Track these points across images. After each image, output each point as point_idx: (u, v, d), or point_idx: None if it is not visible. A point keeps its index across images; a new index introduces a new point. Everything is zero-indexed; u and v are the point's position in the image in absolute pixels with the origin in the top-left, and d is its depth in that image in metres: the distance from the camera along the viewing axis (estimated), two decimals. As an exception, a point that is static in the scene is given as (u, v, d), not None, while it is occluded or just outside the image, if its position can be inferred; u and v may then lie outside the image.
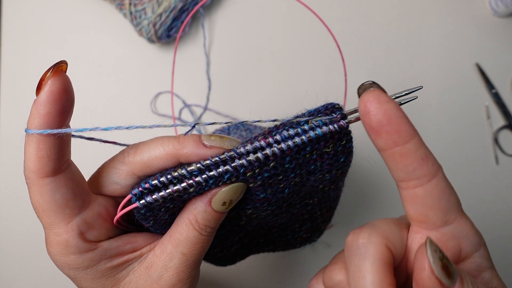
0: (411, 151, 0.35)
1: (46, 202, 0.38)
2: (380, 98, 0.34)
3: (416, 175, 0.35)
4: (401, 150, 0.35)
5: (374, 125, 0.35)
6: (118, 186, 0.43)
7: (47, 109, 0.35)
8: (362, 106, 0.35)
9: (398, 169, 0.36)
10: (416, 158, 0.35)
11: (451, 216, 0.37)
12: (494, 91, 0.97)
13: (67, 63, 0.37)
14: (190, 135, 0.41)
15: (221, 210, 0.42)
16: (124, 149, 0.43)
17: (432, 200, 0.36)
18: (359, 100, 0.35)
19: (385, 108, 0.34)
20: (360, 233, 0.37)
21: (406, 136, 0.34)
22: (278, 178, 0.41)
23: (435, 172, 0.35)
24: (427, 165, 0.35)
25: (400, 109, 0.34)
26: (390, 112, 0.34)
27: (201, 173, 0.39)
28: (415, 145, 0.35)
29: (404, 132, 0.34)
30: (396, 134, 0.34)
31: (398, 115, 0.34)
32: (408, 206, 0.38)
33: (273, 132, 0.39)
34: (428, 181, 0.35)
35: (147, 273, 0.44)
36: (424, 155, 0.35)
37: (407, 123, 0.34)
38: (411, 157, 0.35)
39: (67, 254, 0.41)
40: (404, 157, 0.35)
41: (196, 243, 0.43)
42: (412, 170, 0.35)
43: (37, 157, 0.37)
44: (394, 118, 0.34)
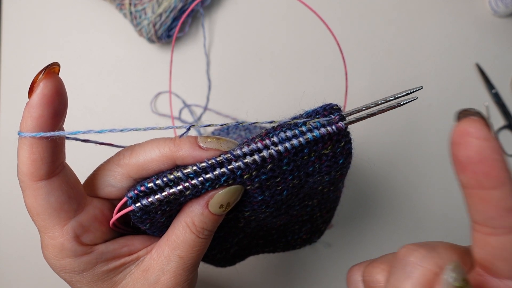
0: (496, 199, 0.31)
1: (40, 205, 0.38)
2: (480, 131, 0.30)
3: (493, 224, 0.32)
4: (484, 195, 0.31)
5: (461, 159, 0.31)
6: (113, 189, 0.43)
7: (40, 112, 0.35)
8: (456, 134, 0.31)
9: (474, 210, 0.33)
10: (498, 208, 0.31)
11: None
12: (494, 91, 0.97)
13: (59, 65, 0.36)
14: (186, 137, 0.41)
15: (218, 212, 0.41)
16: (120, 151, 0.43)
17: (504, 254, 0.32)
18: (455, 125, 0.31)
19: (481, 145, 0.30)
20: (414, 251, 0.35)
21: (495, 182, 0.30)
22: (276, 180, 0.41)
23: None
24: (510, 218, 0.31)
25: (499, 151, 0.30)
26: (485, 151, 0.30)
27: (198, 176, 0.39)
28: (503, 194, 0.30)
29: (494, 177, 0.30)
30: (484, 177, 0.30)
31: (493, 157, 0.30)
32: (476, 249, 0.34)
33: (270, 133, 0.39)
34: (506, 234, 0.32)
35: (144, 276, 0.43)
36: (511, 207, 0.31)
37: (501, 168, 0.30)
38: (493, 205, 0.31)
39: (62, 257, 0.40)
40: (485, 203, 0.31)
41: (193, 246, 0.43)
42: (490, 218, 0.32)
43: (31, 160, 0.37)
44: (487, 159, 0.30)
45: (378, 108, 0.40)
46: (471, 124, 0.30)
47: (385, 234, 0.94)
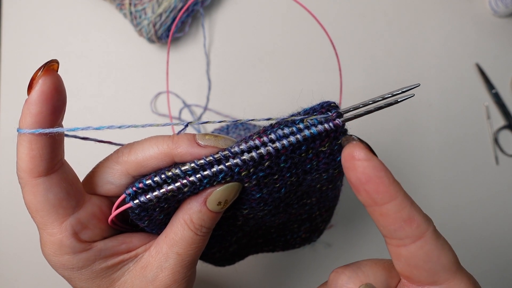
0: (392, 212, 0.33)
1: (39, 202, 0.38)
2: (361, 153, 0.33)
3: (398, 235, 0.34)
4: (381, 210, 0.33)
5: (353, 181, 0.33)
6: (112, 186, 0.43)
7: (38, 109, 0.35)
8: (343, 159, 0.34)
9: (379, 226, 0.35)
10: (397, 220, 0.33)
11: (440, 277, 0.34)
12: (494, 91, 0.97)
13: (58, 62, 0.36)
14: (184, 134, 0.41)
15: (216, 210, 0.42)
16: (119, 149, 0.43)
17: (416, 261, 0.34)
18: (342, 152, 0.34)
19: (365, 166, 0.32)
20: (341, 274, 0.37)
21: (386, 197, 0.33)
22: (274, 177, 0.41)
23: (420, 234, 0.33)
24: (410, 227, 0.33)
25: (381, 167, 0.33)
26: (369, 171, 0.32)
27: (195, 173, 0.39)
28: (397, 207, 0.33)
29: (383, 193, 0.33)
30: (375, 194, 0.33)
31: (378, 174, 0.32)
32: (394, 261, 0.36)
33: (268, 131, 0.39)
34: (412, 243, 0.34)
35: (142, 274, 0.43)
36: (408, 216, 0.33)
37: (387, 183, 0.32)
38: (392, 218, 0.33)
39: (61, 254, 0.40)
40: (384, 217, 0.34)
41: (191, 243, 0.43)
42: (394, 230, 0.34)
43: (30, 157, 0.37)
44: (373, 177, 0.32)
45: (375, 105, 0.40)
46: (353, 148, 0.33)
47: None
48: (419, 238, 0.33)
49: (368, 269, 0.37)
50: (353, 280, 0.36)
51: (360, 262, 0.38)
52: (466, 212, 0.94)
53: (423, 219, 0.34)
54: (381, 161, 0.33)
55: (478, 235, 0.94)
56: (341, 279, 0.36)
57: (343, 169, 0.34)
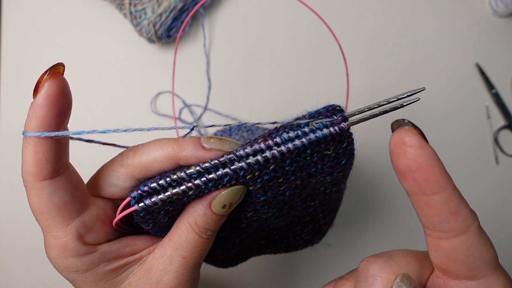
0: (439, 203, 0.32)
1: (44, 205, 0.38)
2: (413, 140, 0.31)
3: (441, 228, 0.33)
4: (427, 200, 0.32)
5: (401, 168, 0.32)
6: (117, 189, 0.43)
7: (44, 112, 0.35)
8: (392, 145, 0.32)
9: (422, 216, 0.34)
10: (443, 212, 0.32)
11: (479, 273, 0.34)
12: (494, 91, 0.97)
13: (64, 65, 0.36)
14: (189, 137, 0.41)
15: (221, 213, 0.42)
16: (123, 152, 0.43)
17: (456, 256, 0.33)
18: (391, 137, 0.33)
19: (417, 153, 0.31)
20: (373, 263, 0.35)
21: (435, 188, 0.31)
22: (279, 180, 0.41)
23: (465, 228, 0.32)
24: (456, 220, 0.32)
25: (434, 157, 0.31)
26: (421, 159, 0.31)
27: (201, 176, 0.39)
28: (445, 198, 0.32)
29: (433, 183, 0.31)
30: (424, 183, 0.32)
31: (430, 163, 0.31)
32: (431, 253, 0.35)
33: (273, 134, 0.39)
34: (455, 236, 0.33)
35: (147, 276, 0.43)
36: (455, 209, 0.32)
37: (439, 173, 0.31)
38: (438, 210, 0.32)
39: (65, 257, 0.40)
40: (430, 208, 0.33)
41: (196, 246, 0.43)
42: (438, 222, 0.33)
43: (35, 160, 0.37)
44: (425, 165, 0.31)
45: (380, 109, 0.40)
46: (405, 133, 0.32)
47: (385, 234, 0.94)
48: (464, 232, 0.33)
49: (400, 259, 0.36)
50: (385, 269, 0.35)
51: (392, 252, 0.37)
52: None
53: (469, 213, 0.33)
54: (434, 149, 0.32)
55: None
56: (372, 268, 0.35)
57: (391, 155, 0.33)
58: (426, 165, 0.31)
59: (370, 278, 0.35)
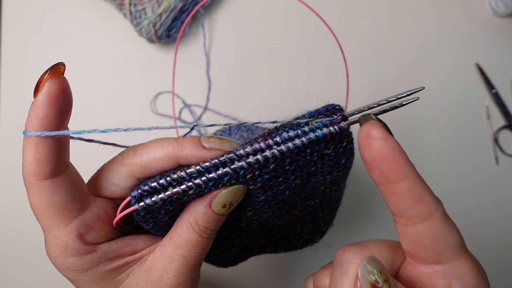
0: (403, 190, 0.34)
1: (44, 204, 0.38)
2: (378, 132, 0.34)
3: (407, 214, 0.35)
4: (392, 188, 0.34)
5: (367, 159, 0.34)
6: (117, 188, 0.43)
7: (45, 111, 0.35)
8: (359, 137, 0.35)
9: (389, 204, 0.36)
10: (407, 198, 0.34)
11: (445, 257, 0.35)
12: (494, 91, 0.97)
13: (64, 65, 0.37)
14: (189, 137, 0.41)
15: (221, 212, 0.42)
16: (124, 151, 0.43)
17: (422, 240, 0.35)
18: (359, 131, 0.35)
19: (381, 145, 0.33)
20: (347, 251, 0.37)
21: (399, 176, 0.34)
22: (279, 180, 0.41)
23: (429, 214, 0.34)
24: (420, 207, 0.34)
25: (397, 147, 0.34)
26: (384, 149, 0.33)
27: (201, 175, 0.39)
28: (409, 186, 0.34)
29: (397, 172, 0.33)
30: (389, 172, 0.34)
31: (393, 153, 0.33)
32: (401, 239, 0.37)
33: (273, 133, 0.39)
34: (420, 222, 0.35)
35: (147, 276, 0.43)
36: (419, 197, 0.34)
37: (402, 162, 0.33)
38: (403, 197, 0.34)
39: (66, 256, 0.40)
40: (396, 196, 0.34)
41: (196, 246, 0.43)
42: (403, 209, 0.35)
43: (35, 159, 0.37)
44: (388, 156, 0.33)
45: (380, 108, 0.40)
46: (370, 127, 0.34)
47: (384, 234, 0.94)
48: (428, 218, 0.34)
49: (373, 247, 0.38)
50: (358, 256, 0.36)
51: (366, 241, 0.39)
52: (466, 212, 0.95)
53: (433, 200, 0.35)
54: (397, 141, 0.34)
55: (479, 234, 0.94)
56: (347, 255, 0.37)
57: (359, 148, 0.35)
58: (390, 155, 0.33)
59: (344, 264, 0.37)
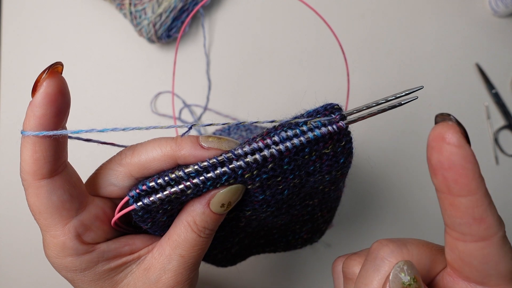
0: (464, 206, 0.31)
1: (42, 204, 0.38)
2: (453, 137, 0.30)
3: (461, 230, 0.32)
4: (453, 201, 0.31)
5: (433, 162, 0.31)
6: (115, 188, 0.43)
7: (43, 111, 0.35)
8: (430, 137, 0.31)
9: (444, 214, 0.33)
10: (467, 215, 0.31)
11: (492, 281, 0.33)
12: (494, 91, 0.97)
13: (62, 64, 0.37)
14: (187, 136, 0.41)
15: (219, 212, 0.42)
16: (122, 151, 0.43)
17: (471, 260, 0.33)
18: (432, 129, 0.31)
19: (453, 152, 0.30)
20: (385, 246, 0.36)
21: (464, 190, 0.30)
22: (277, 179, 0.41)
23: (486, 236, 0.31)
24: (478, 226, 0.31)
25: (470, 159, 0.29)
26: (456, 158, 0.30)
27: (199, 175, 0.39)
28: (472, 203, 0.30)
29: (463, 185, 0.30)
30: (453, 183, 0.30)
31: (464, 165, 0.30)
32: (447, 250, 0.35)
33: (271, 133, 0.39)
34: (474, 241, 0.32)
35: (145, 275, 0.43)
36: (480, 216, 0.31)
37: (471, 176, 0.30)
38: (462, 212, 0.31)
39: (64, 256, 0.40)
40: (454, 208, 0.31)
41: (194, 245, 0.43)
42: (459, 224, 0.32)
43: (33, 159, 0.37)
44: (458, 166, 0.30)
45: (378, 107, 0.40)
46: (446, 129, 0.30)
47: (384, 233, 0.94)
48: (484, 239, 0.32)
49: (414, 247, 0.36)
50: (395, 255, 0.35)
51: (407, 239, 0.37)
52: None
53: (495, 222, 0.32)
54: (472, 151, 0.30)
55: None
56: (383, 251, 0.35)
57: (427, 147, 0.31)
58: (460, 166, 0.30)
59: (378, 259, 0.35)
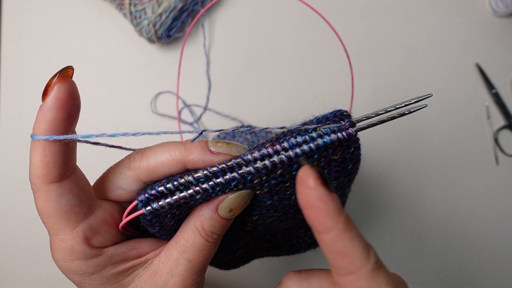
0: (327, 242, 0.33)
1: (51, 208, 0.38)
2: (309, 180, 0.32)
3: (333, 264, 0.34)
4: (320, 237, 0.34)
5: (299, 203, 0.34)
6: (123, 192, 0.43)
7: (53, 115, 0.35)
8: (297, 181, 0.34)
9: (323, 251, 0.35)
10: (331, 250, 0.33)
11: None
12: (494, 91, 0.97)
13: (73, 68, 0.37)
14: (197, 141, 0.41)
15: (227, 217, 0.42)
16: (130, 154, 0.43)
17: None
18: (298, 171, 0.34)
19: (308, 194, 0.32)
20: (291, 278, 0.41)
21: (322, 227, 0.33)
22: (285, 185, 0.41)
23: (352, 270, 0.33)
24: (343, 261, 0.33)
25: (324, 199, 0.32)
26: (310, 199, 0.32)
27: (208, 180, 0.39)
28: (332, 239, 0.33)
29: (320, 223, 0.33)
30: (313, 221, 0.33)
31: (318, 205, 0.32)
32: None
33: (281, 139, 0.39)
34: (344, 275, 0.34)
35: (152, 279, 0.43)
36: (341, 250, 0.33)
37: (326, 216, 0.32)
38: (328, 248, 0.34)
39: (72, 260, 0.40)
40: (322, 245, 0.34)
41: (202, 250, 0.43)
42: (330, 259, 0.34)
43: (43, 163, 0.37)
44: (313, 206, 0.32)
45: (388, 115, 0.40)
46: (305, 172, 0.33)
47: (387, 238, 0.94)
48: (351, 273, 0.33)
49: (317, 280, 0.39)
50: (297, 286, 0.39)
51: (313, 272, 0.40)
52: (466, 212, 0.95)
53: (358, 255, 0.33)
54: (327, 192, 0.32)
55: (479, 235, 0.94)
56: (288, 281, 0.40)
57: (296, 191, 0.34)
58: (314, 206, 0.32)
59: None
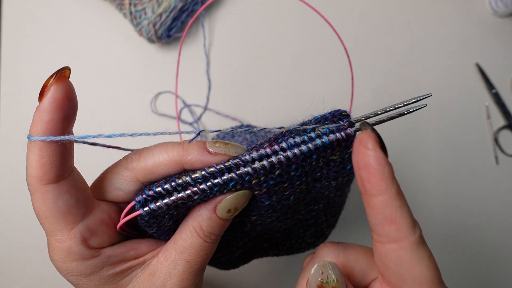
0: (377, 206, 0.34)
1: (48, 209, 0.38)
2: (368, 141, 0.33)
3: (377, 230, 0.35)
4: (369, 200, 0.34)
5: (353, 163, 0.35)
6: (121, 192, 0.43)
7: (50, 116, 0.35)
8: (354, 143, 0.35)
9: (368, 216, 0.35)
10: (379, 215, 0.34)
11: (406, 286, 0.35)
12: (494, 91, 0.97)
13: (70, 69, 0.36)
14: (195, 141, 0.41)
15: (226, 217, 0.41)
16: (128, 155, 0.42)
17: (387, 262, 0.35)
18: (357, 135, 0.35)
19: (366, 154, 0.33)
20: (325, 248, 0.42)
21: (374, 189, 0.33)
22: (284, 185, 0.41)
23: (397, 238, 0.34)
24: (390, 227, 0.34)
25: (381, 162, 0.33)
26: (367, 159, 0.33)
27: (206, 181, 0.39)
28: (383, 202, 0.33)
29: (373, 185, 0.33)
30: (367, 183, 0.34)
31: (375, 166, 0.33)
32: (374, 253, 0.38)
33: (279, 139, 0.39)
34: (388, 243, 0.34)
35: (150, 280, 0.43)
36: (390, 216, 0.33)
37: (381, 178, 0.33)
38: (376, 212, 0.34)
39: (69, 260, 0.40)
40: (370, 208, 0.34)
41: (200, 251, 0.43)
42: (375, 224, 0.35)
43: (40, 164, 0.37)
44: (369, 167, 0.33)
45: (387, 115, 0.40)
46: (366, 134, 0.34)
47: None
48: (395, 241, 0.34)
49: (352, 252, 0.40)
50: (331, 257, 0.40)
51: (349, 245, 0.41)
52: (466, 212, 0.95)
53: (406, 224, 0.34)
54: (385, 156, 0.33)
55: (479, 235, 0.94)
56: (323, 251, 0.41)
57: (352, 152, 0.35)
58: (371, 166, 0.33)
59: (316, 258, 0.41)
